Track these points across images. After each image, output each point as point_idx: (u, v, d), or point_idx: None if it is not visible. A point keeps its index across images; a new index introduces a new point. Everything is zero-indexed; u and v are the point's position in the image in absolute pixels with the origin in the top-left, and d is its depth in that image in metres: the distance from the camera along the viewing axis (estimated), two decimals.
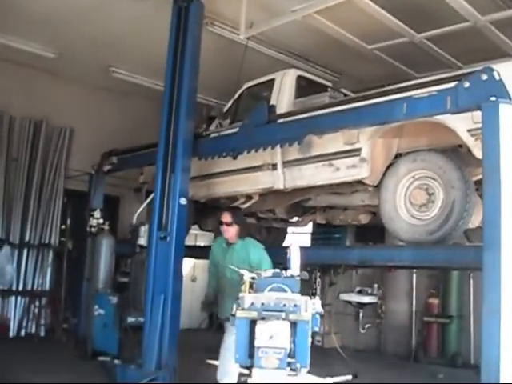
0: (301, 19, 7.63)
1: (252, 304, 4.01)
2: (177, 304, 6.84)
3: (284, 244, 9.62)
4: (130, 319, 7.62)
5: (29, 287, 10.64)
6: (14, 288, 10.41)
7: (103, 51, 9.93)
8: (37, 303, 10.57)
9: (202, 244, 11.98)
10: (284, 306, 3.96)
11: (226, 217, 6.36)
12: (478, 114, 4.98)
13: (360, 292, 9.80)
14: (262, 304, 3.98)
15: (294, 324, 3.96)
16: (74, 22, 8.81)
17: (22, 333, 10.37)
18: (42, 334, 10.42)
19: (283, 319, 3.91)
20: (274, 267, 5.44)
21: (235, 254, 6.23)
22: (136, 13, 8.35)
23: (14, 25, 8.99)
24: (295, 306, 3.96)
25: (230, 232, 6.34)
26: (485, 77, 4.89)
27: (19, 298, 10.51)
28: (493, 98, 4.74)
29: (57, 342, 9.91)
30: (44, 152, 11.08)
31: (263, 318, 3.92)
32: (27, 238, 10.66)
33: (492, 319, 4.33)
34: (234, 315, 4.14)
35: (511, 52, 8.12)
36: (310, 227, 10.85)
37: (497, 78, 4.83)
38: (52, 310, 10.66)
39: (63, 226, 10.93)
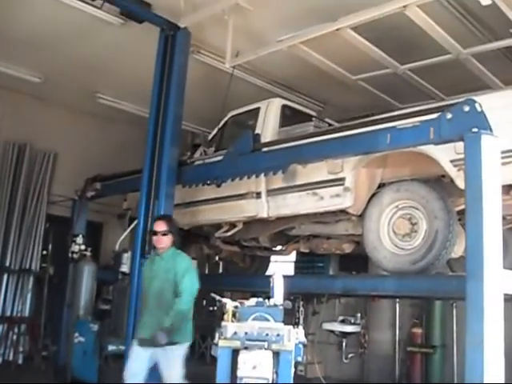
0: (286, 49, 7.70)
1: (235, 333, 3.98)
2: None
3: (267, 273, 9.57)
4: (111, 347, 7.52)
5: (8, 313, 10.48)
6: None
7: (89, 76, 9.94)
8: (16, 330, 10.40)
9: None
10: (267, 335, 3.93)
11: (161, 226, 5.90)
12: (460, 145, 5.03)
13: (343, 321, 9.76)
14: (245, 333, 3.95)
15: (276, 354, 3.93)
16: (60, 47, 8.83)
17: (0, 360, 10.17)
18: (20, 361, 10.25)
19: (266, 349, 3.87)
20: (258, 296, 5.36)
21: (163, 263, 5.78)
22: (122, 39, 8.40)
23: None
24: (278, 335, 3.93)
25: (164, 242, 5.87)
26: (467, 108, 4.96)
27: None
28: (475, 130, 4.80)
29: (35, 370, 9.74)
30: (27, 176, 11.02)
31: (246, 348, 3.88)
32: (7, 263, 10.54)
33: (475, 349, 4.32)
34: (216, 344, 4.10)
35: (492, 84, 8.26)
36: (293, 256, 10.82)
37: (479, 109, 4.90)
38: (31, 336, 10.49)
39: (45, 252, 10.81)
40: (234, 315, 4.45)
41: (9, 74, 9.70)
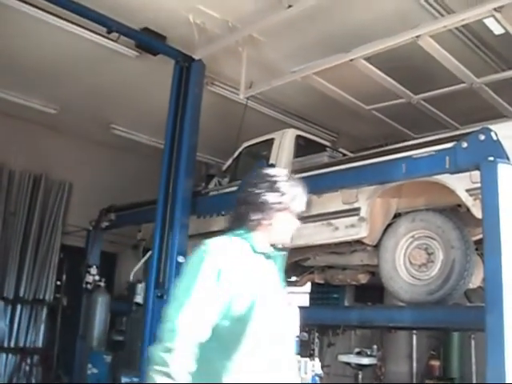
0: (300, 80, 7.74)
1: None
2: None
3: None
4: (125, 379, 7.46)
5: (21, 344, 10.44)
6: (5, 344, 10.21)
7: (104, 108, 10.05)
8: (28, 360, 10.35)
9: None
10: None
11: None
12: (476, 174, 5.01)
13: (359, 353, 9.62)
14: None
15: None
16: (75, 78, 8.94)
17: None
18: None
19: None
20: None
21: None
22: (137, 71, 8.49)
23: (15, 80, 9.11)
24: None
25: None
26: (482, 137, 4.96)
27: (10, 354, 10.29)
28: (491, 158, 4.78)
29: None
30: (42, 206, 11.06)
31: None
32: (21, 294, 10.52)
33: (496, 382, 4.24)
34: None
35: (506, 113, 8.24)
36: (308, 287, 10.73)
37: (494, 138, 4.90)
38: (44, 367, 10.43)
39: (58, 282, 10.80)
40: None
41: (24, 105, 9.81)
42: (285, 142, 7.58)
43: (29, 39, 7.90)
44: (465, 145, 5.04)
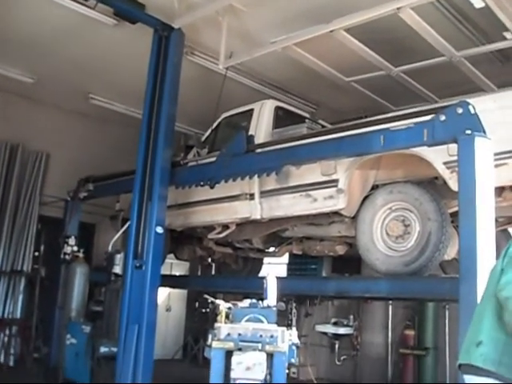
0: (280, 50, 7.71)
1: (228, 334, 3.97)
2: (151, 334, 6.75)
3: (260, 274, 9.57)
4: (103, 349, 7.48)
5: None
6: None
7: (82, 77, 9.91)
8: (7, 332, 10.34)
9: (178, 273, 11.89)
10: (261, 336, 3.93)
11: None
12: (453, 147, 5.06)
13: (336, 323, 9.78)
14: (239, 334, 3.95)
15: (270, 355, 3.92)
16: (52, 47, 8.81)
17: None
18: (12, 363, 10.19)
19: (260, 350, 3.87)
20: (251, 297, 5.36)
21: None
22: (116, 40, 8.38)
23: None
24: (272, 337, 3.93)
25: None
26: (460, 110, 4.99)
27: None
28: (468, 132, 4.83)
29: (27, 372, 9.69)
30: (19, 177, 10.97)
31: (240, 349, 3.87)
32: None
33: None
34: (209, 346, 4.09)
35: (485, 87, 8.29)
36: (286, 258, 10.82)
37: (472, 111, 4.93)
38: (23, 338, 10.44)
39: (36, 253, 10.75)
40: (227, 317, 4.45)
41: (1, 75, 9.65)
42: (264, 113, 7.55)
43: (5, 7, 7.72)
44: (443, 118, 5.07)
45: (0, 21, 8.11)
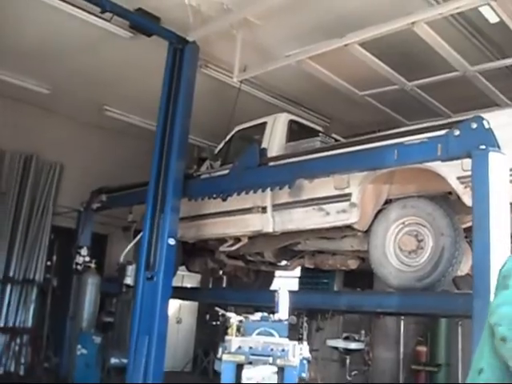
0: (294, 64, 7.73)
1: (239, 348, 3.95)
2: (162, 346, 6.74)
3: (271, 288, 9.53)
4: (114, 360, 7.49)
5: (10, 324, 10.44)
6: None
7: (97, 89, 9.99)
8: (18, 340, 10.36)
9: (189, 285, 11.87)
10: (272, 350, 3.91)
11: None
12: (467, 162, 5.03)
13: (347, 338, 9.69)
14: (250, 348, 3.93)
15: (281, 369, 3.90)
16: (68, 59, 8.88)
17: (1, 370, 10.11)
18: (22, 372, 10.19)
19: (271, 364, 3.85)
20: (261, 311, 5.33)
21: None
22: (131, 52, 8.44)
23: (8, 59, 9.04)
24: (283, 350, 3.91)
25: None
26: (475, 125, 4.97)
27: (0, 334, 10.29)
28: (482, 147, 4.80)
29: (37, 381, 9.69)
30: (33, 187, 11.03)
31: (250, 363, 3.85)
32: (11, 273, 10.51)
33: None
34: (219, 359, 4.07)
35: (499, 102, 8.26)
36: (297, 271, 10.78)
37: (486, 126, 4.91)
38: (33, 348, 10.45)
39: (49, 263, 10.79)
40: (238, 330, 4.43)
41: (17, 85, 9.75)
42: (277, 126, 7.56)
43: (22, 19, 7.82)
44: (457, 132, 5.05)
45: (17, 32, 8.20)
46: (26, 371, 10.25)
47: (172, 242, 6.94)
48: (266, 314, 4.60)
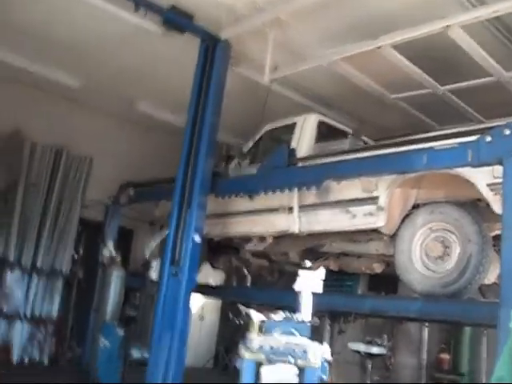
0: (326, 65, 7.70)
1: (260, 346, 3.95)
2: (183, 341, 6.78)
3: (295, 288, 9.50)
4: (136, 354, 7.54)
5: (36, 313, 10.57)
6: (20, 313, 10.35)
7: (128, 84, 10.05)
8: (43, 330, 10.50)
9: (212, 283, 11.89)
10: (293, 350, 3.89)
11: None
12: (498, 169, 4.96)
13: (369, 342, 9.63)
14: (271, 347, 3.92)
15: (301, 370, 3.89)
16: (101, 54, 8.96)
17: (26, 359, 10.26)
18: (46, 361, 10.33)
19: (291, 364, 3.84)
20: (284, 310, 5.31)
21: None
22: (163, 49, 8.47)
23: (40, 52, 9.14)
24: (304, 351, 3.90)
25: None
26: (507, 132, 4.91)
27: (25, 323, 10.43)
28: None
29: (60, 371, 9.82)
30: (62, 180, 11.13)
31: (271, 362, 3.85)
32: (39, 264, 10.64)
33: None
34: (240, 356, 4.07)
35: None
36: (322, 273, 10.72)
37: None
38: (58, 338, 10.58)
39: (75, 255, 10.91)
40: (260, 328, 4.43)
41: (49, 78, 9.84)
42: (307, 127, 7.55)
43: (57, 14, 7.90)
44: (488, 139, 4.98)
45: (50, 25, 8.26)
46: (50, 361, 10.38)
47: (197, 238, 6.97)
48: (288, 313, 4.59)
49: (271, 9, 7.07)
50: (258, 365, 3.89)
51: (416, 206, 6.33)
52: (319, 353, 4.01)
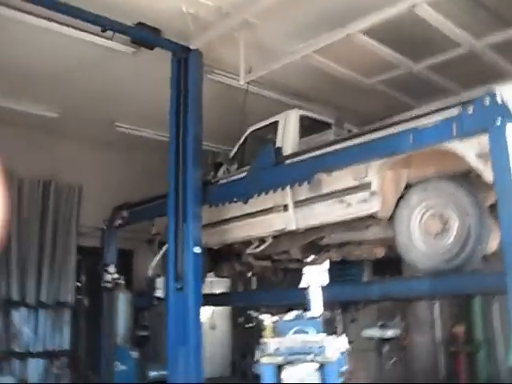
0: (299, 60, 7.72)
1: (277, 349, 3.96)
2: (198, 354, 6.77)
3: (301, 285, 9.51)
4: (153, 373, 7.53)
5: (48, 348, 10.53)
6: (32, 350, 10.29)
7: (106, 107, 10.04)
8: (57, 363, 10.45)
9: (219, 291, 11.89)
10: (310, 348, 3.90)
11: None
12: (484, 138, 4.98)
13: (382, 326, 9.64)
14: (288, 348, 3.93)
15: (321, 365, 3.89)
16: (74, 80, 8.92)
17: None
18: None
19: (310, 362, 3.84)
20: (294, 309, 5.31)
21: None
22: (135, 67, 8.47)
23: (13, 88, 9.10)
24: (321, 347, 3.91)
25: None
26: (488, 101, 4.92)
27: (39, 359, 10.37)
28: (498, 121, 4.76)
29: None
30: (55, 210, 11.09)
31: (290, 363, 3.86)
32: (43, 299, 10.59)
33: None
34: (258, 362, 4.07)
35: (510, 72, 8.17)
36: (327, 265, 10.73)
37: (499, 100, 4.86)
38: (72, 368, 10.53)
39: (78, 283, 10.87)
40: (273, 330, 4.43)
41: (26, 112, 9.81)
42: (289, 124, 7.56)
43: (23, 46, 7.86)
44: (470, 110, 5.02)
45: (18, 58, 8.21)
46: None
47: (198, 250, 6.96)
48: (300, 312, 4.59)
49: (236, 12, 7.09)
50: (277, 367, 3.89)
51: (409, 186, 6.34)
52: (336, 346, 4.01)
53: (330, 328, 7.48)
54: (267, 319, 4.53)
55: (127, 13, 7.04)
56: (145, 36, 7.48)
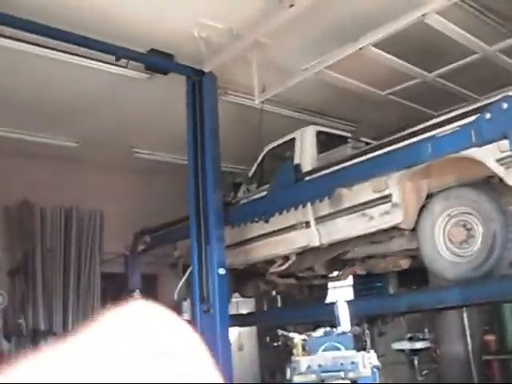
0: (312, 76, 7.75)
1: (309, 367, 3.93)
2: (229, 376, 6.72)
3: (327, 300, 9.47)
4: None
5: None
6: None
7: (123, 134, 10.15)
8: None
9: (245, 311, 11.86)
10: (342, 364, 3.87)
11: None
12: (504, 143, 4.96)
13: (411, 338, 9.54)
14: (319, 365, 3.90)
15: (354, 382, 3.86)
16: (92, 111, 9.06)
17: None
18: None
19: (343, 378, 3.82)
20: (321, 325, 5.27)
21: None
22: (151, 92, 8.56)
23: (33, 121, 9.28)
24: (353, 363, 3.88)
25: None
26: (505, 105, 4.90)
27: None
28: None
29: None
30: (77, 238, 11.20)
31: (323, 381, 3.83)
32: (70, 328, 10.63)
33: None
34: (290, 381, 4.05)
35: None
36: (350, 280, 10.68)
37: None
38: None
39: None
40: (303, 348, 4.41)
41: (47, 144, 9.98)
42: (306, 140, 7.59)
43: (40, 79, 8.02)
44: (488, 116, 5.00)
45: (36, 92, 8.39)
46: None
47: (222, 271, 6.96)
48: (328, 328, 4.57)
49: (248, 33, 7.14)
50: None
51: (430, 196, 6.32)
52: (367, 361, 3.98)
53: (359, 343, 7.44)
54: (297, 337, 4.51)
55: (140, 39, 7.14)
56: (158, 62, 7.57)
